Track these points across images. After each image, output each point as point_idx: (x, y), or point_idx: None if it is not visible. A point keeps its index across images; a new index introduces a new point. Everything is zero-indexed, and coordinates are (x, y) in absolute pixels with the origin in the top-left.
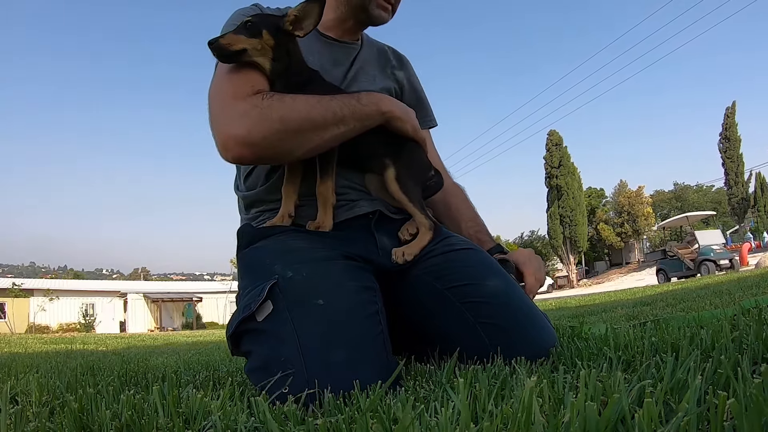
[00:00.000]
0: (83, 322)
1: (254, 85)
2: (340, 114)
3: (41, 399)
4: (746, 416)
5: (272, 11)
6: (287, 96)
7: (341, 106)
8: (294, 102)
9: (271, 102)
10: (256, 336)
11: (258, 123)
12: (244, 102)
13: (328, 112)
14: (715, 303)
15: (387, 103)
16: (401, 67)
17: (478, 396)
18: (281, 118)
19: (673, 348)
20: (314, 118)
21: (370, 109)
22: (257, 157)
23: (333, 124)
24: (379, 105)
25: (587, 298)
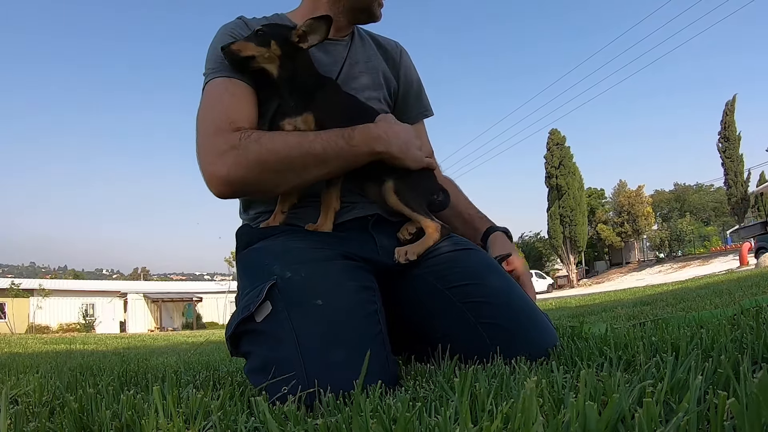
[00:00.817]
0: (83, 322)
1: (234, 120)
2: (322, 156)
3: (41, 399)
4: (746, 416)
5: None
6: (266, 135)
7: (326, 147)
8: (272, 142)
9: (248, 143)
10: (255, 337)
11: (236, 164)
12: (224, 140)
13: (309, 154)
14: (715, 303)
15: (383, 142)
16: (392, 59)
17: (478, 396)
18: (258, 160)
19: (673, 348)
20: (292, 159)
21: (360, 150)
22: (239, 194)
23: (314, 166)
24: (372, 146)
25: (587, 297)
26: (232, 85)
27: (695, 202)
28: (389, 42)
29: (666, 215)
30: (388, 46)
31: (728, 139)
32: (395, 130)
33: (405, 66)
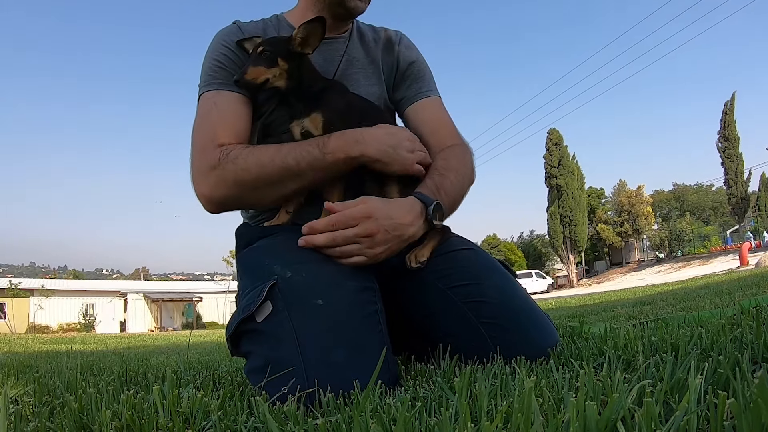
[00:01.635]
0: (83, 322)
1: (217, 137)
2: (296, 168)
3: (41, 399)
4: (746, 416)
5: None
6: (242, 153)
7: (299, 159)
8: (246, 161)
9: (226, 163)
10: (255, 336)
11: (216, 184)
12: (206, 160)
13: (283, 168)
14: (715, 302)
15: (358, 146)
16: (391, 47)
17: (478, 396)
18: (235, 180)
19: (673, 348)
20: (267, 176)
21: (335, 157)
22: (226, 210)
23: (289, 179)
24: (347, 151)
25: (587, 297)
26: (221, 99)
27: (695, 201)
28: (390, 30)
29: (666, 215)
30: (390, 34)
31: (728, 139)
32: (376, 134)
33: (403, 48)
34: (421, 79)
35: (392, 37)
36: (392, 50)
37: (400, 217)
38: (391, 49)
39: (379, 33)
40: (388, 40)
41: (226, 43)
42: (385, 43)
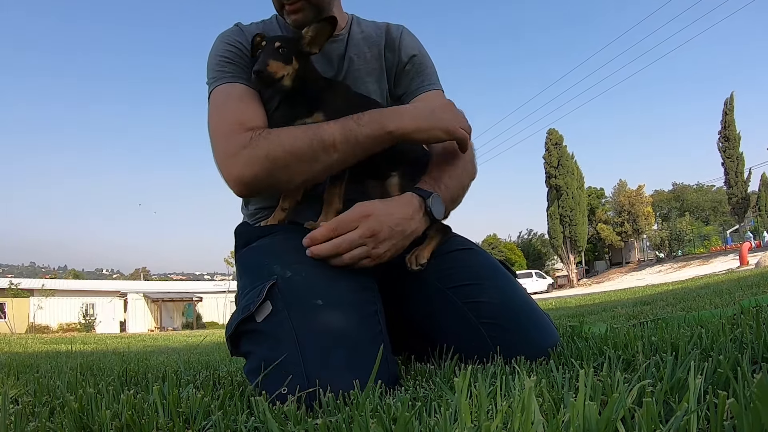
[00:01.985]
0: (83, 322)
1: (243, 122)
2: (329, 140)
3: (41, 399)
4: (746, 416)
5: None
6: (274, 131)
7: (334, 132)
8: (279, 137)
9: (258, 141)
10: (255, 336)
11: (247, 163)
12: (235, 142)
13: (317, 141)
14: (715, 302)
15: (395, 119)
16: (392, 41)
17: (478, 396)
18: (267, 156)
19: (673, 347)
20: (301, 150)
21: (370, 129)
22: (256, 192)
23: (323, 153)
24: (384, 123)
25: (587, 297)
26: (237, 90)
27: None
28: (392, 25)
29: (666, 215)
30: (391, 29)
31: (728, 139)
32: (410, 107)
33: (405, 42)
34: (422, 72)
35: (393, 31)
36: (393, 45)
37: (400, 212)
38: (392, 43)
39: (380, 28)
40: (389, 35)
41: (230, 41)
42: (387, 38)
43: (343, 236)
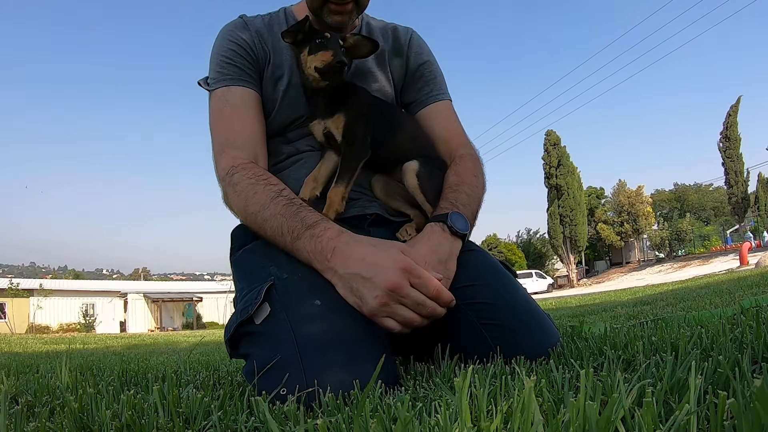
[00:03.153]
0: (83, 322)
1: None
2: (270, 237)
3: (41, 399)
4: (746, 416)
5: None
6: (240, 185)
7: (274, 232)
8: (238, 197)
9: (229, 184)
10: (254, 338)
11: (224, 194)
12: (222, 166)
13: (261, 228)
14: (715, 302)
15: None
16: (401, 45)
17: (478, 396)
18: (230, 204)
19: (673, 347)
20: (250, 223)
21: (301, 258)
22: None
23: (265, 238)
24: (312, 263)
25: (587, 297)
26: (232, 95)
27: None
28: (401, 28)
29: (666, 215)
30: (399, 33)
31: (729, 139)
32: (349, 260)
33: (414, 48)
34: (432, 81)
35: (402, 36)
36: (401, 50)
37: (445, 254)
38: (401, 48)
39: (388, 30)
40: (397, 39)
41: (232, 38)
42: (394, 42)
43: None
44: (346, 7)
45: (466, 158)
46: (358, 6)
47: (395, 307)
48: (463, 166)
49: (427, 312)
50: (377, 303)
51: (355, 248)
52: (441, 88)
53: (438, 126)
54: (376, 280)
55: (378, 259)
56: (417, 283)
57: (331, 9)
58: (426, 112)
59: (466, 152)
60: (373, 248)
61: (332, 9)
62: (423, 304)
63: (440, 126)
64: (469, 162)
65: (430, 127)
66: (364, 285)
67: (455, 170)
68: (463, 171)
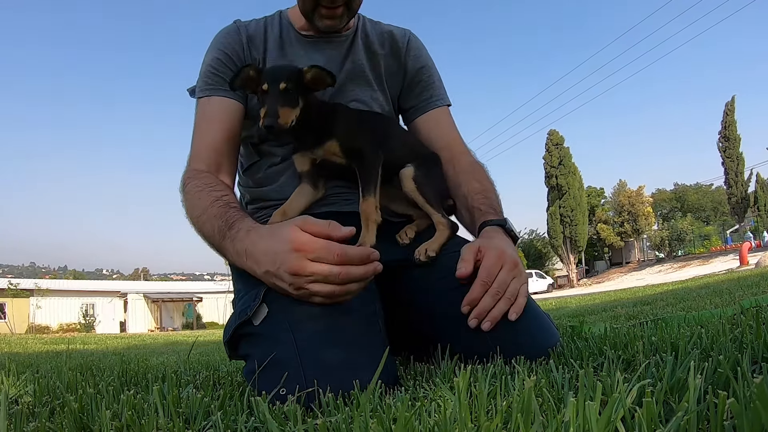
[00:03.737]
0: (83, 322)
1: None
2: (209, 241)
3: (41, 399)
4: (746, 416)
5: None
6: (191, 193)
7: (212, 233)
8: (186, 204)
9: (185, 197)
10: (253, 339)
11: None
12: (183, 180)
13: (201, 232)
14: (715, 302)
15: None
16: (398, 49)
17: (478, 396)
18: (187, 215)
19: (673, 347)
20: (197, 228)
21: (229, 256)
22: None
23: (208, 243)
24: (236, 260)
25: (587, 297)
26: (210, 107)
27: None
28: (397, 31)
29: (667, 215)
30: (396, 37)
31: (728, 139)
32: (256, 254)
33: (412, 53)
34: (431, 86)
35: (399, 39)
36: (399, 54)
37: (512, 257)
38: (398, 52)
39: (384, 33)
40: (394, 43)
41: (222, 47)
42: (392, 46)
43: (497, 280)
44: (337, 11)
45: (475, 165)
46: (349, 9)
47: (310, 287)
48: (478, 174)
49: (342, 278)
50: (294, 290)
51: (259, 244)
52: (440, 94)
53: (438, 132)
54: (280, 272)
55: (275, 248)
56: (316, 257)
57: (322, 13)
58: (426, 118)
59: (472, 159)
60: (270, 238)
61: (323, 13)
62: (332, 274)
63: (440, 132)
64: (480, 168)
65: (430, 132)
66: (275, 279)
67: (476, 178)
68: (482, 179)
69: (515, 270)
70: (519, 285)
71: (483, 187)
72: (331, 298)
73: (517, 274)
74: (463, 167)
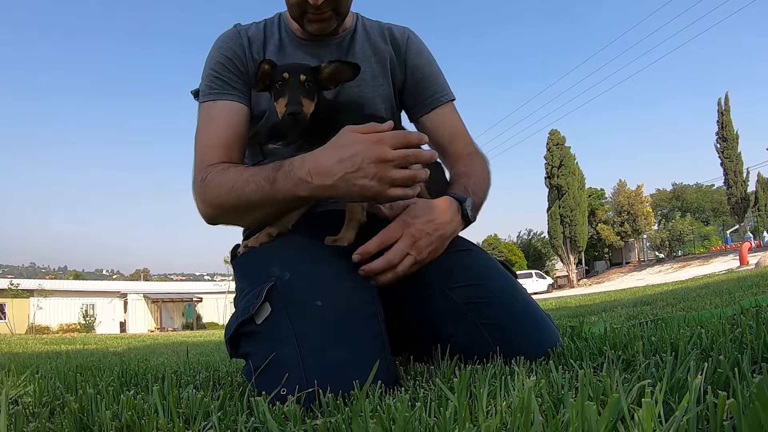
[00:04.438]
0: (83, 322)
1: (207, 155)
2: (257, 202)
3: (41, 399)
4: (746, 416)
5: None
6: (216, 178)
7: (257, 191)
8: (218, 187)
9: (205, 186)
10: (254, 338)
11: (202, 202)
12: (196, 178)
13: (244, 199)
14: (715, 302)
15: (307, 187)
16: (398, 48)
17: (478, 396)
18: (212, 203)
19: (673, 347)
20: (233, 203)
21: (284, 197)
22: (217, 224)
23: (253, 210)
24: (296, 192)
25: (587, 297)
26: (216, 110)
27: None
28: (396, 29)
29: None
30: (395, 34)
31: (726, 139)
32: (324, 166)
33: (412, 51)
34: (433, 83)
35: (398, 37)
36: (399, 52)
37: (440, 218)
38: (398, 50)
39: (384, 31)
40: (395, 41)
41: (224, 50)
42: (392, 42)
43: (394, 248)
44: (324, 15)
45: (473, 155)
46: (337, 13)
47: (392, 173)
48: (471, 161)
49: (414, 158)
50: (377, 181)
51: (324, 159)
52: (443, 90)
53: (444, 129)
54: (364, 165)
55: (351, 150)
56: (392, 143)
57: (310, 18)
58: (431, 116)
59: (474, 150)
60: (338, 148)
61: (311, 18)
62: (408, 155)
63: (446, 129)
64: (476, 158)
65: (436, 131)
66: (356, 177)
67: (464, 163)
68: (470, 164)
69: (416, 246)
70: (411, 262)
71: (467, 171)
72: (410, 181)
73: (413, 250)
74: (461, 158)
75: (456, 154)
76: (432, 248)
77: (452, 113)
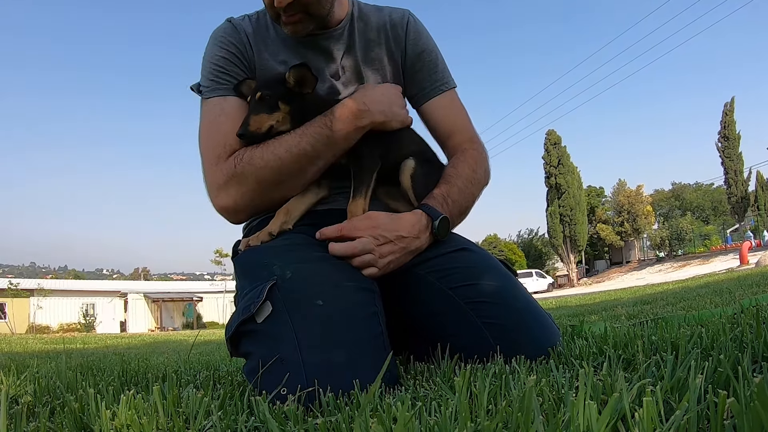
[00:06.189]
0: (84, 322)
1: (227, 143)
2: (313, 152)
3: (41, 399)
4: (746, 415)
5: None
6: (256, 153)
7: (313, 142)
8: (263, 159)
9: (243, 167)
10: (255, 337)
11: (239, 192)
12: (222, 171)
13: (300, 155)
14: (715, 302)
15: (365, 115)
16: (398, 34)
17: (478, 395)
18: (257, 180)
19: (673, 347)
20: (287, 167)
21: (345, 132)
22: (253, 215)
23: (309, 164)
24: (356, 123)
25: (587, 297)
26: (228, 105)
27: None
28: (395, 13)
29: (667, 214)
30: (395, 19)
31: (728, 138)
32: (373, 97)
33: (411, 36)
34: (433, 71)
35: (398, 22)
36: (399, 38)
37: (406, 230)
38: (398, 36)
39: (383, 16)
40: (394, 27)
41: (223, 44)
42: (392, 30)
43: (358, 240)
44: (293, 18)
45: (468, 152)
46: (309, 15)
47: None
48: (463, 160)
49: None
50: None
51: (369, 92)
52: (443, 77)
53: (443, 119)
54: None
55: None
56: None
57: (283, 20)
58: (430, 105)
59: (470, 146)
60: (371, 88)
61: (284, 20)
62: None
63: (445, 119)
64: (470, 156)
65: (437, 121)
66: (395, 104)
67: (453, 163)
68: (460, 163)
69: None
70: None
71: (456, 172)
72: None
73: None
74: (456, 155)
75: (453, 148)
76: (394, 258)
77: (452, 102)
